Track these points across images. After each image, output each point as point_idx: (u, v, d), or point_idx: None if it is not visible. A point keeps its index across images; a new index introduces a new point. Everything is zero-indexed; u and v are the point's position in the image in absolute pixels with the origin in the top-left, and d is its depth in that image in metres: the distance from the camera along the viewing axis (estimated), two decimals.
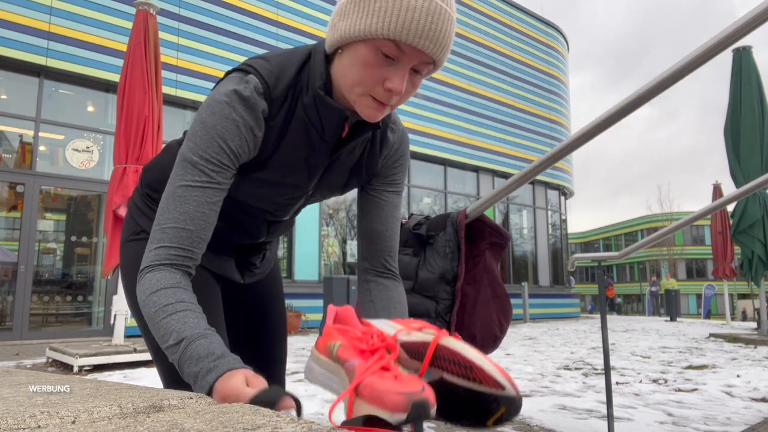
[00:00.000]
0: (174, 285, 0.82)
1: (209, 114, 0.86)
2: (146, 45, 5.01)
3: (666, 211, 37.46)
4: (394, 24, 0.78)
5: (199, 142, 0.85)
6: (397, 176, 1.11)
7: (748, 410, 3.23)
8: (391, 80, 0.83)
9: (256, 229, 1.13)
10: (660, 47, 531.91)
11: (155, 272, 0.83)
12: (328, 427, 0.53)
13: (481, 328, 1.68)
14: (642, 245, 2.54)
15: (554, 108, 15.39)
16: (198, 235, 0.85)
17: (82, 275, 8.29)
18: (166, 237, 0.84)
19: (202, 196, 0.85)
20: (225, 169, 0.87)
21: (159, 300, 0.80)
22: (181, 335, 0.77)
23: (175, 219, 0.84)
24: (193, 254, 0.86)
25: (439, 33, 0.81)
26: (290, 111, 0.93)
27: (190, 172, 0.85)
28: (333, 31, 0.86)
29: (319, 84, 0.90)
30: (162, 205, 0.86)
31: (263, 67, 0.91)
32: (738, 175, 7.52)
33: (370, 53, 0.82)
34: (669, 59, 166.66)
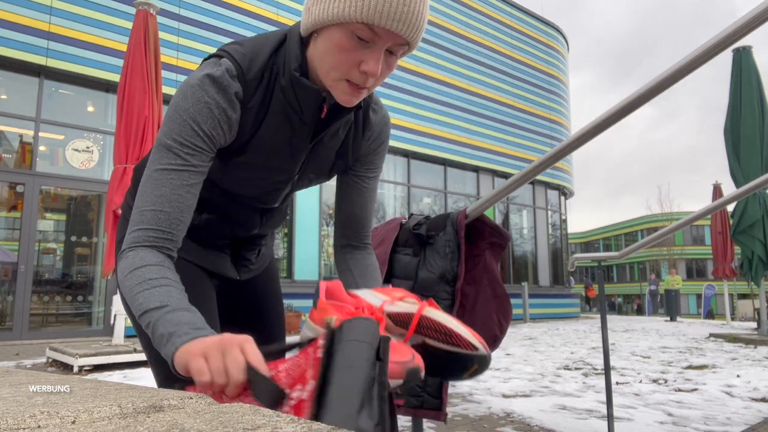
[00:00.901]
0: (159, 263, 0.82)
1: (182, 98, 0.87)
2: (146, 45, 5.01)
3: (666, 211, 37.46)
4: (367, 8, 0.79)
5: (173, 126, 0.86)
6: (378, 160, 1.13)
7: (748, 410, 3.23)
8: (366, 63, 0.84)
9: (248, 220, 1.13)
10: (661, 47, 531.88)
11: (136, 251, 0.83)
12: (329, 427, 0.53)
13: (481, 328, 1.68)
14: (642, 245, 2.54)
15: (554, 108, 15.39)
16: (176, 217, 0.86)
17: (82, 275, 8.29)
18: (144, 219, 0.84)
19: (178, 179, 0.86)
20: (199, 151, 0.87)
21: (143, 274, 0.80)
22: (164, 302, 0.77)
23: (152, 202, 0.85)
24: (172, 236, 0.86)
25: (412, 15, 0.81)
26: (267, 93, 0.93)
27: (165, 156, 0.86)
28: (307, 15, 0.87)
29: (294, 66, 0.90)
30: (140, 189, 0.87)
31: (236, 50, 0.91)
32: (738, 175, 7.52)
33: (345, 37, 0.82)
34: (670, 59, 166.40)
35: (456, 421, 2.96)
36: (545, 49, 15.45)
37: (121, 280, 0.83)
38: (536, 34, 15.21)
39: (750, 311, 20.69)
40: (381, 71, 0.86)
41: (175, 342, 0.72)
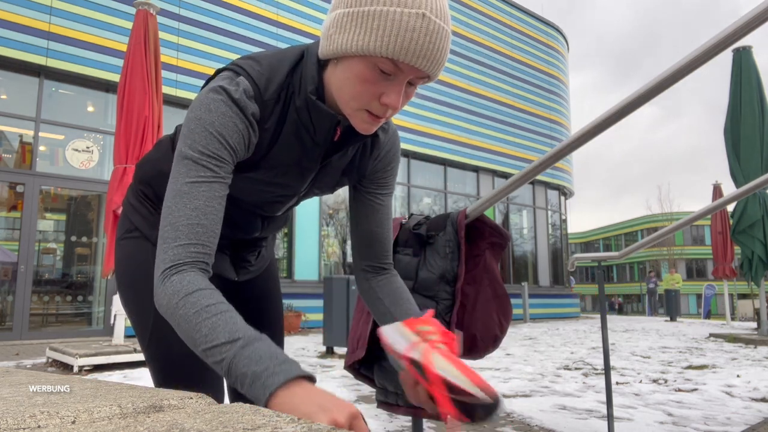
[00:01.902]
0: (209, 287, 0.80)
1: (205, 111, 0.85)
2: (146, 45, 5.01)
3: (666, 211, 37.46)
4: (393, 44, 0.78)
5: (198, 138, 0.84)
6: (389, 178, 1.12)
7: (748, 410, 3.23)
8: (387, 95, 0.83)
9: (250, 224, 1.12)
10: (664, 46, 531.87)
11: (182, 274, 0.80)
12: (328, 427, 0.53)
13: (481, 328, 1.68)
14: (642, 245, 2.54)
15: (554, 108, 15.39)
16: (212, 230, 0.84)
17: (82, 275, 8.29)
18: (182, 234, 0.82)
19: (210, 191, 0.84)
20: (226, 163, 0.86)
21: (199, 301, 0.77)
22: (234, 335, 0.74)
23: (187, 216, 0.82)
24: (210, 250, 0.85)
25: (437, 51, 0.81)
26: (283, 113, 0.92)
27: (193, 169, 0.84)
28: (329, 42, 0.85)
29: (311, 89, 0.90)
30: (169, 204, 0.84)
31: (253, 68, 0.90)
32: (738, 175, 7.52)
33: (367, 69, 0.82)
34: (672, 58, 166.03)
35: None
36: (545, 49, 15.45)
37: (170, 306, 0.79)
38: (536, 34, 15.21)
39: (750, 311, 20.64)
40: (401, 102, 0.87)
41: (267, 384, 0.69)
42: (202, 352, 0.76)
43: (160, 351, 1.05)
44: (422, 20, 0.78)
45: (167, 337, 1.00)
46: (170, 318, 0.80)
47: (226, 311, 0.78)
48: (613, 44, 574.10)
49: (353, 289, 5.89)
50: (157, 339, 1.05)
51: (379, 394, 1.71)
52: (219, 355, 0.74)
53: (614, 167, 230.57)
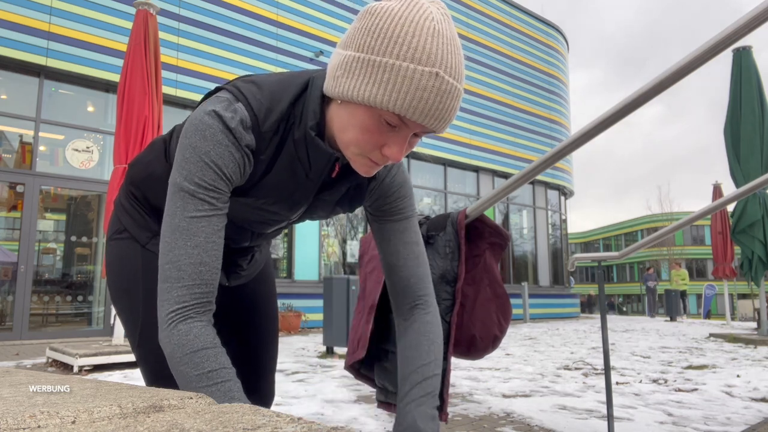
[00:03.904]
0: (214, 345, 0.79)
1: (200, 139, 0.81)
2: (146, 45, 5.01)
3: (666, 211, 37.47)
4: (402, 101, 0.75)
5: (194, 169, 0.81)
6: (397, 204, 1.04)
7: (748, 410, 3.23)
8: (389, 147, 0.81)
9: (239, 236, 1.10)
10: (668, 46, 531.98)
11: (189, 324, 0.79)
12: (328, 427, 0.53)
13: (481, 328, 1.68)
14: (642, 245, 2.54)
15: (554, 108, 15.40)
16: (214, 267, 0.82)
17: (82, 275, 8.29)
18: (186, 275, 0.80)
19: (209, 226, 0.82)
20: (223, 194, 0.84)
21: (202, 363, 0.77)
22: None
23: (189, 254, 0.80)
24: (214, 288, 0.83)
25: (446, 111, 0.78)
26: (280, 144, 0.89)
27: (191, 203, 0.81)
28: (335, 84, 0.81)
29: (311, 124, 0.86)
30: (167, 240, 0.82)
31: (254, 96, 0.86)
32: (738, 175, 7.52)
33: (372, 120, 0.79)
34: (676, 57, 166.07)
35: (456, 421, 2.96)
36: (545, 49, 15.46)
37: (175, 359, 0.78)
38: (536, 34, 15.21)
39: (750, 311, 20.59)
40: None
41: None
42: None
43: (149, 352, 1.03)
44: (435, 79, 0.75)
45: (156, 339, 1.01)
46: (172, 368, 0.80)
47: (227, 380, 0.77)
48: (620, 42, 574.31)
49: (353, 289, 5.89)
50: (146, 340, 1.03)
51: (379, 394, 1.71)
52: None
53: (619, 166, 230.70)
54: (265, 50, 9.68)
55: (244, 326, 1.26)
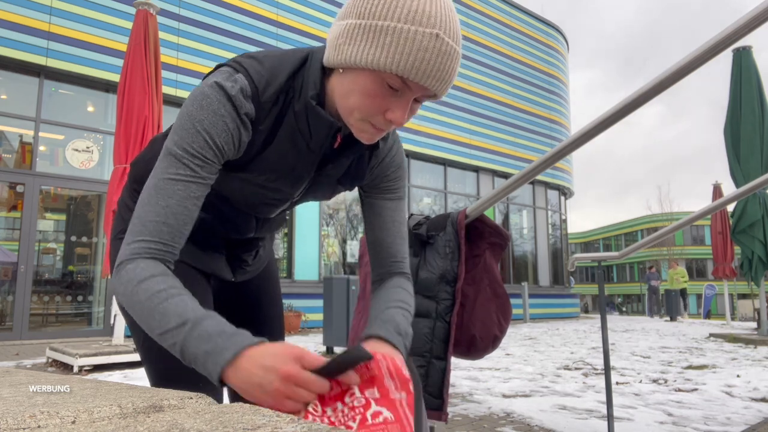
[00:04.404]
0: (163, 273, 0.81)
1: (197, 108, 0.84)
2: (146, 45, 5.01)
3: (666, 211, 37.47)
4: (404, 62, 0.77)
5: (185, 135, 0.83)
6: (392, 184, 1.08)
7: (748, 410, 3.23)
8: (393, 111, 0.83)
9: (244, 223, 1.10)
10: (668, 46, 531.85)
11: (137, 262, 0.81)
12: (328, 427, 0.53)
13: (481, 328, 1.68)
14: (642, 245, 2.54)
15: (554, 108, 15.40)
16: (179, 230, 0.84)
17: (82, 275, 8.29)
18: (146, 230, 0.82)
19: (186, 191, 0.83)
20: (209, 163, 0.85)
21: (151, 287, 0.78)
22: (183, 318, 0.75)
23: (156, 212, 0.82)
24: (173, 249, 0.84)
25: (447, 72, 0.80)
26: (279, 116, 0.91)
27: (174, 166, 0.83)
28: (337, 52, 0.83)
29: (312, 94, 0.88)
30: (143, 196, 0.84)
31: (254, 68, 0.88)
32: (738, 175, 7.52)
33: (375, 84, 0.81)
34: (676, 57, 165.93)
35: (456, 421, 2.96)
36: (545, 49, 15.45)
37: (125, 294, 0.80)
38: (536, 34, 15.21)
39: (750, 311, 20.58)
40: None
41: (217, 361, 0.72)
42: (158, 337, 0.77)
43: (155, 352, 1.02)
44: (435, 40, 0.77)
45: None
46: (128, 307, 0.80)
47: (176, 295, 0.78)
48: (620, 42, 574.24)
49: (353, 289, 5.89)
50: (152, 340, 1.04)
51: None
52: (171, 339, 0.75)
53: (619, 166, 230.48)
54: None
55: (249, 322, 1.26)
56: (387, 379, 0.75)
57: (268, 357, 0.70)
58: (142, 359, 1.06)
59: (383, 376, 0.75)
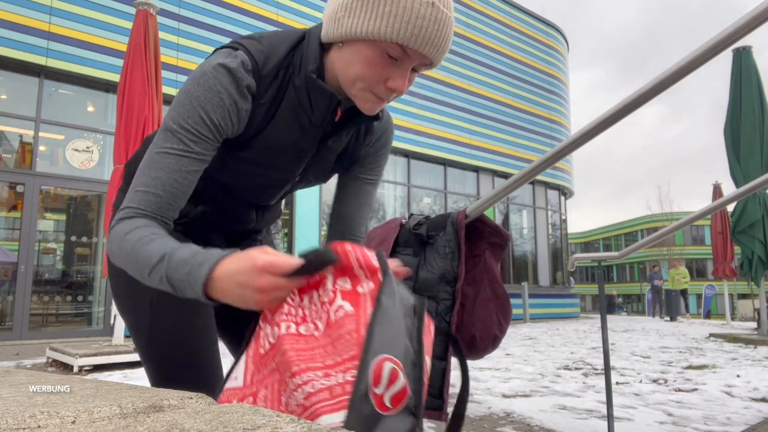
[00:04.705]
0: (146, 225, 0.83)
1: (194, 85, 0.86)
2: (146, 45, 5.01)
3: (666, 211, 37.46)
4: (404, 30, 0.80)
5: (181, 110, 0.86)
6: (377, 164, 1.14)
7: (748, 410, 3.23)
8: (393, 80, 0.86)
9: (244, 214, 1.12)
10: (669, 46, 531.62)
11: (123, 222, 0.84)
12: (329, 427, 0.53)
13: (480, 329, 1.68)
14: (642, 245, 2.54)
15: (554, 108, 15.39)
16: (167, 202, 0.86)
17: (82, 275, 8.29)
18: (135, 199, 0.85)
19: (177, 164, 0.85)
20: (204, 139, 0.86)
21: (134, 235, 0.81)
22: (162, 252, 0.78)
23: (146, 183, 0.85)
24: (162, 218, 0.86)
25: (443, 39, 0.84)
26: (280, 91, 0.93)
27: (168, 140, 0.85)
28: (336, 25, 0.86)
29: (312, 68, 0.90)
30: (140, 167, 0.87)
31: (253, 45, 0.91)
32: (738, 175, 7.52)
33: (375, 53, 0.84)
34: (676, 57, 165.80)
35: None
36: (545, 49, 15.45)
37: (115, 251, 0.84)
38: (536, 34, 15.21)
39: (750, 311, 20.56)
40: None
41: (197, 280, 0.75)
42: (148, 278, 0.80)
43: (157, 352, 1.04)
44: (431, 9, 0.80)
45: (165, 338, 1.01)
46: (119, 260, 0.84)
47: (157, 238, 0.81)
48: (621, 42, 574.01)
49: None
50: (154, 340, 1.04)
51: None
52: (157, 274, 0.79)
53: (619, 166, 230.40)
54: None
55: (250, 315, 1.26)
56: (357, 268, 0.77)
57: (239, 274, 0.73)
58: (143, 360, 1.07)
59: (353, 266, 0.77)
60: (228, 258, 0.76)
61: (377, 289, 0.76)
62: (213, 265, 0.75)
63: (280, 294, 0.74)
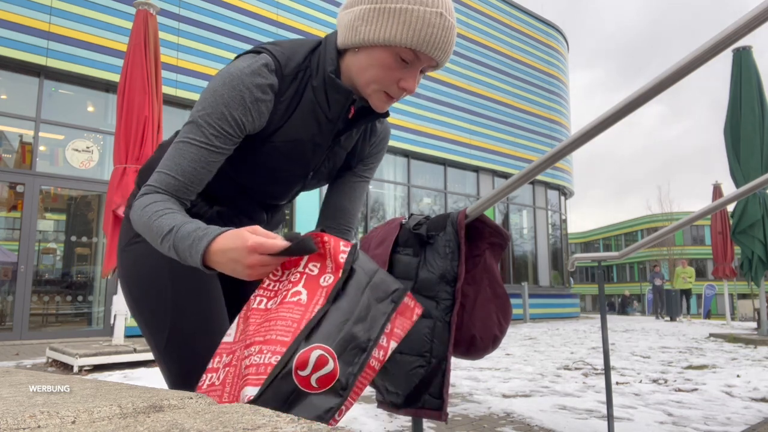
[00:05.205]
0: (162, 199, 0.95)
1: (220, 83, 0.96)
2: (146, 45, 5.01)
3: (666, 211, 37.44)
4: (416, 36, 0.92)
5: (206, 106, 0.95)
6: (375, 163, 1.27)
7: (748, 410, 3.23)
8: (405, 81, 0.98)
9: (256, 214, 1.21)
10: (669, 45, 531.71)
11: (145, 196, 0.96)
12: (328, 427, 0.53)
13: (480, 328, 1.68)
14: (642, 245, 2.54)
15: (554, 108, 15.39)
16: (185, 186, 0.97)
17: (82, 275, 8.29)
18: (157, 179, 0.96)
19: (197, 155, 0.96)
20: (225, 135, 0.96)
21: (151, 208, 0.93)
22: (171, 225, 0.90)
23: (168, 167, 0.96)
24: (178, 198, 0.98)
25: (450, 44, 0.97)
26: (299, 90, 1.03)
27: (192, 132, 0.96)
28: (354, 33, 0.96)
29: (330, 69, 1.01)
30: (167, 152, 0.99)
31: (275, 49, 1.01)
32: (738, 175, 7.51)
33: (390, 57, 0.95)
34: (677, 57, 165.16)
35: (456, 421, 2.96)
36: (545, 49, 15.45)
37: (136, 219, 0.95)
38: (536, 34, 15.21)
39: (750, 311, 20.56)
40: None
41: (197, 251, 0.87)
42: (159, 245, 0.93)
43: (178, 352, 1.07)
44: (440, 18, 0.93)
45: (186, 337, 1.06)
46: (138, 226, 0.96)
47: (169, 212, 0.93)
48: (621, 42, 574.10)
49: None
50: (173, 343, 1.06)
51: (379, 394, 1.71)
52: (167, 243, 0.91)
53: (620, 166, 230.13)
54: None
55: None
56: (328, 259, 0.91)
57: (231, 251, 0.85)
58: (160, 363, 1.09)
59: (326, 256, 0.91)
60: (223, 235, 0.87)
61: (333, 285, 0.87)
62: (210, 241, 0.86)
63: (267, 270, 0.88)
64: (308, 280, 0.88)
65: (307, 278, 0.89)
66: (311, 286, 0.88)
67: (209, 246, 0.86)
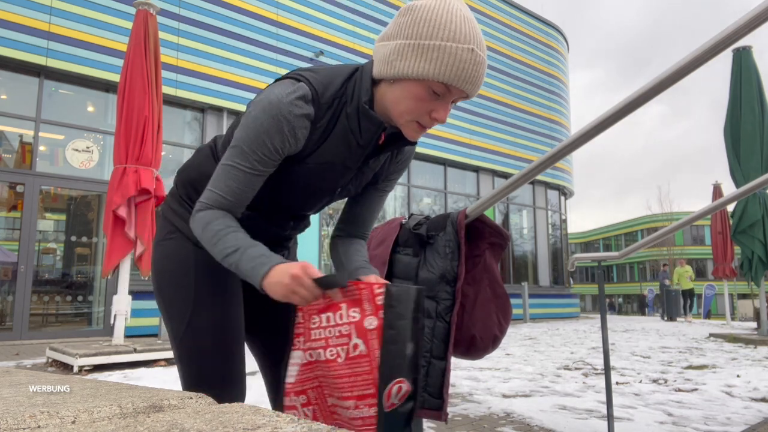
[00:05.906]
0: (222, 216, 1.07)
1: (261, 111, 1.03)
2: (146, 45, 5.01)
3: (666, 211, 37.44)
4: (449, 72, 0.97)
5: (249, 133, 1.04)
6: (396, 178, 1.35)
7: (748, 410, 3.23)
8: (437, 112, 1.04)
9: (284, 221, 1.29)
10: (669, 45, 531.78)
11: (204, 211, 1.08)
12: (328, 427, 0.53)
13: (480, 328, 1.68)
14: (642, 245, 2.54)
15: (554, 108, 15.39)
16: (236, 205, 1.09)
17: (82, 275, 8.28)
18: (211, 198, 1.08)
19: (245, 179, 1.07)
20: (267, 160, 1.06)
21: (214, 227, 1.06)
22: (237, 245, 1.04)
23: (221, 188, 1.07)
24: (232, 213, 1.10)
25: (479, 78, 1.01)
26: (334, 117, 1.09)
27: (239, 157, 1.06)
28: (389, 67, 1.02)
29: (365, 99, 1.07)
30: (217, 171, 1.09)
31: (313, 77, 1.07)
32: (738, 175, 7.51)
33: (423, 91, 1.01)
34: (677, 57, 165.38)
35: (456, 421, 2.96)
36: (545, 49, 15.45)
37: (199, 233, 1.08)
38: (536, 34, 15.21)
39: (750, 311, 20.56)
40: None
41: (258, 273, 1.01)
42: (222, 259, 1.06)
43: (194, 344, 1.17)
44: (471, 54, 0.97)
45: (202, 332, 1.17)
46: (202, 241, 1.09)
47: (232, 232, 1.06)
48: (621, 42, 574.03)
49: None
50: (192, 333, 1.17)
51: None
52: (230, 260, 1.04)
53: (620, 166, 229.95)
54: (265, 50, 9.68)
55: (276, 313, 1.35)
56: (366, 302, 1.03)
57: (286, 266, 1.00)
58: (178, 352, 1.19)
59: (363, 300, 1.04)
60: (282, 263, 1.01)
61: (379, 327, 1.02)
62: (271, 266, 1.01)
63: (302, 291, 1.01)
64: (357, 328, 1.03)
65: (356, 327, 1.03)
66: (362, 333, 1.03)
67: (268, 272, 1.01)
